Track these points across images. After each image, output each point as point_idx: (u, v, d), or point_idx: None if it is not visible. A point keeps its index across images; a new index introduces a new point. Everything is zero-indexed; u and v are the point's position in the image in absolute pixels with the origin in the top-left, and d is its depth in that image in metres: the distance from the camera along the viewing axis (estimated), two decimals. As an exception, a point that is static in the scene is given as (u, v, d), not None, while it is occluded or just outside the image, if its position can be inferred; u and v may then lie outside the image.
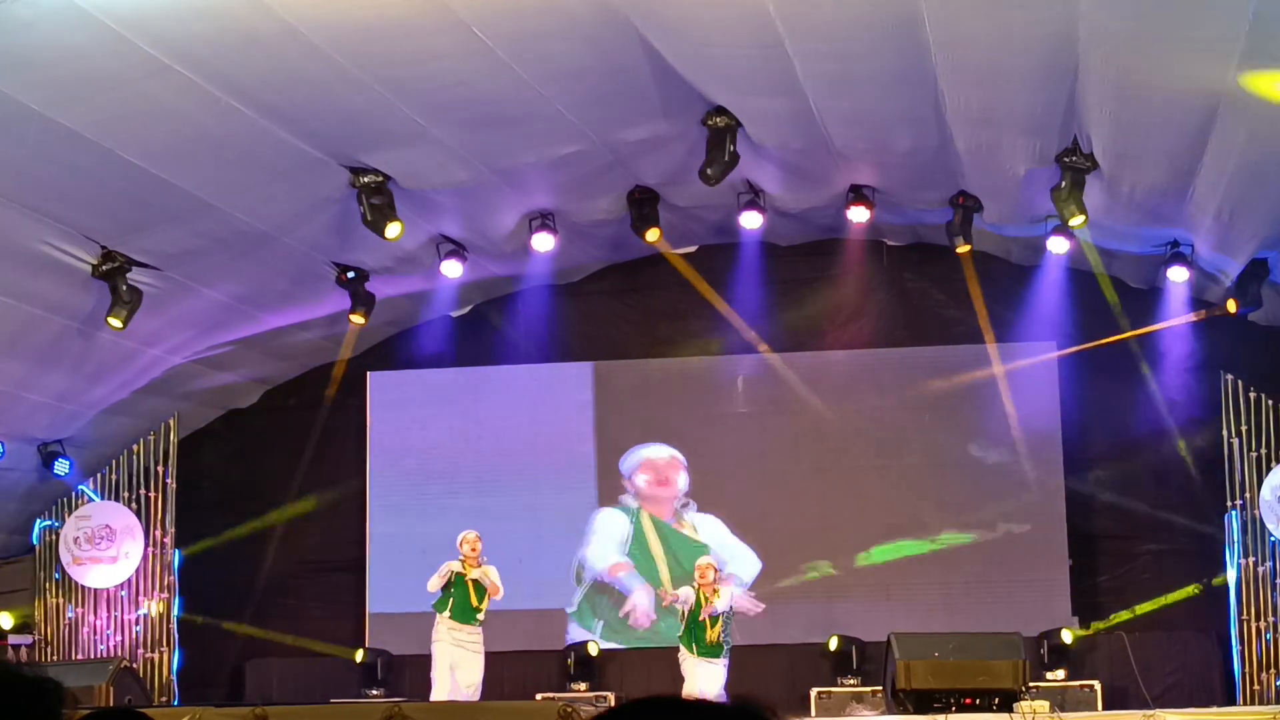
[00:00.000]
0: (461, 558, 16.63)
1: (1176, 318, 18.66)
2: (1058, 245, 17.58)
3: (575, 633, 19.39)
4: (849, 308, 19.61)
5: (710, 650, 16.47)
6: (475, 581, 16.51)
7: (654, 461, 19.50)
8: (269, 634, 19.82)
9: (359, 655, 19.30)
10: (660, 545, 19.52)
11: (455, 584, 16.56)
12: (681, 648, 16.63)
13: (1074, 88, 13.69)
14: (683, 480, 19.61)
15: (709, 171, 15.65)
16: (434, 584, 16.56)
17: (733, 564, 19.18)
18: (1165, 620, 18.78)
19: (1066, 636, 18.28)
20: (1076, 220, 15.84)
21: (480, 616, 16.57)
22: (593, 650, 19.01)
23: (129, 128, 13.35)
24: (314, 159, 14.81)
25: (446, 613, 16.51)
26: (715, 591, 16.62)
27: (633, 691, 18.13)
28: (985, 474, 19.12)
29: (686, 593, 16.73)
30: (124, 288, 15.72)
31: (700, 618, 16.46)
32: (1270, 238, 16.40)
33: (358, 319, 18.36)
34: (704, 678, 16.34)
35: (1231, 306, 17.53)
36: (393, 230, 15.69)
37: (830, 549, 19.33)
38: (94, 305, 15.99)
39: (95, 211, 14.82)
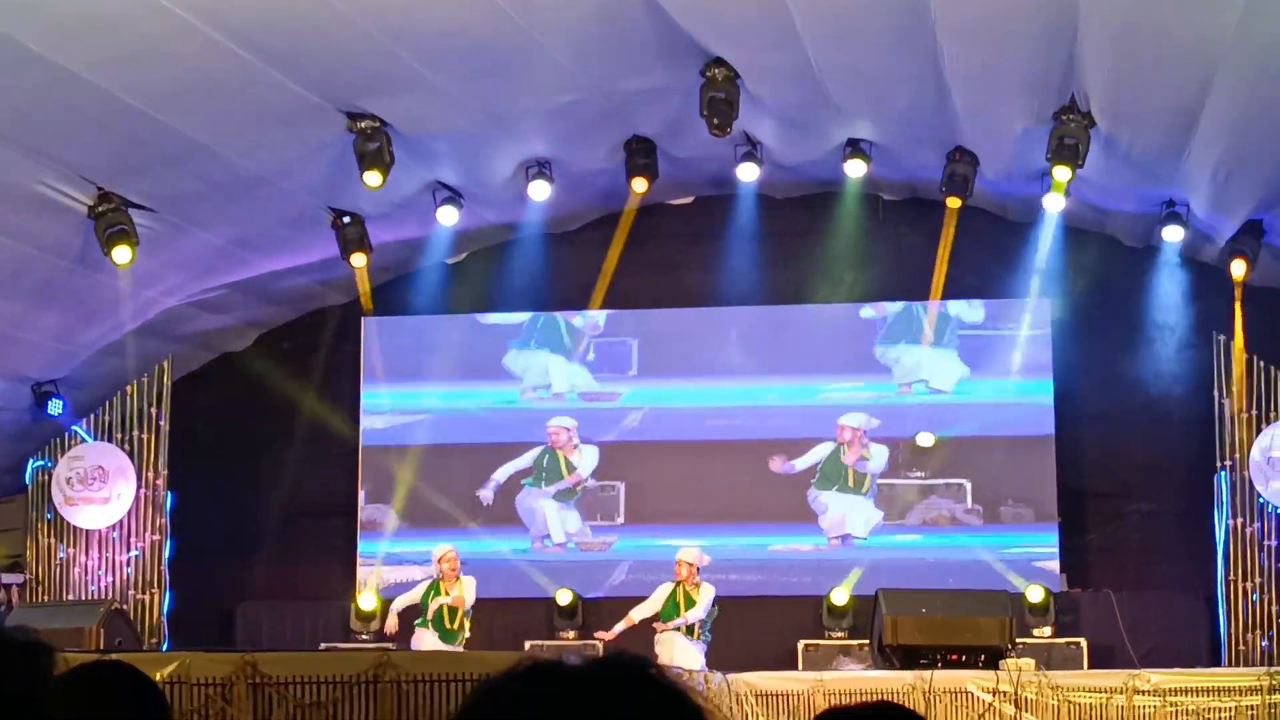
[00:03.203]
0: (440, 575, 16.71)
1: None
2: (1053, 203, 17.56)
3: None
4: (844, 261, 19.58)
5: (691, 637, 16.52)
6: (447, 603, 16.62)
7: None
8: (260, 577, 19.85)
9: (362, 601, 19.19)
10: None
11: (428, 604, 16.67)
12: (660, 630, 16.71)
13: (1073, 46, 13.68)
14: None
15: (715, 122, 15.57)
16: (400, 603, 16.75)
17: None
18: (1153, 580, 18.84)
19: (1035, 595, 18.26)
20: (1062, 173, 15.84)
21: (463, 635, 16.69)
22: (562, 599, 19.00)
23: (127, 70, 13.33)
24: (312, 104, 14.79)
25: (429, 630, 16.63)
26: (697, 586, 16.61)
27: (621, 641, 18.18)
28: (978, 429, 19.12)
29: (661, 590, 16.71)
30: (127, 226, 15.64)
31: (678, 620, 16.48)
32: (1266, 199, 16.42)
33: (359, 260, 18.24)
34: (681, 652, 16.28)
35: (1243, 269, 17.42)
36: (373, 179, 15.64)
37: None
38: (89, 246, 15.96)
39: (92, 153, 14.81)
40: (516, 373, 19.81)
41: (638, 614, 16.89)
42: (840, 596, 18.56)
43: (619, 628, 17.01)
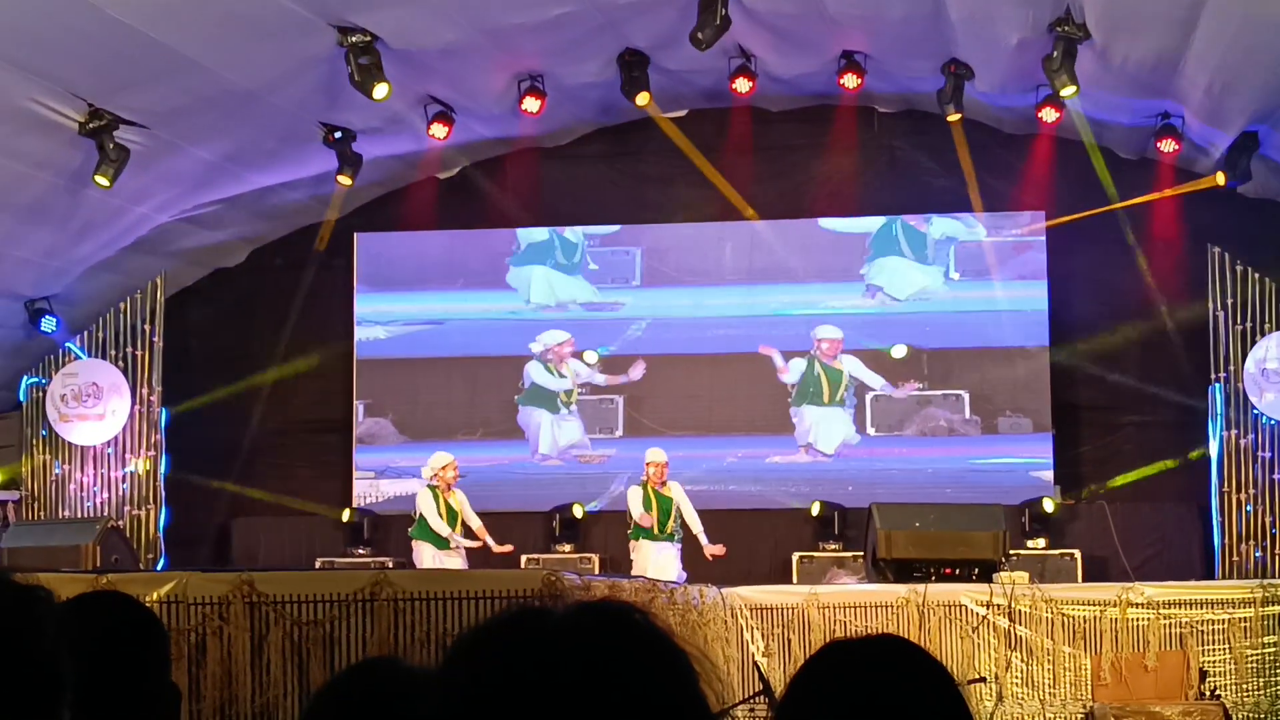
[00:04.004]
0: (439, 484, 16.59)
1: (1164, 190, 18.64)
2: (1049, 115, 17.57)
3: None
4: (839, 175, 19.55)
5: (665, 538, 16.53)
6: (450, 508, 16.55)
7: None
8: (255, 493, 19.89)
9: (345, 515, 19.41)
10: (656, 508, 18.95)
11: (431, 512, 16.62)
12: (633, 542, 16.70)
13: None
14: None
15: (700, 35, 15.56)
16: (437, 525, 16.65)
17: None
18: (1147, 491, 18.90)
19: (1048, 506, 18.39)
20: (1068, 90, 15.94)
21: (454, 543, 16.61)
22: (578, 513, 19.11)
23: (116, -15, 13.26)
24: (302, 18, 14.72)
25: (425, 541, 16.55)
26: (664, 484, 16.63)
27: (617, 554, 18.26)
28: (971, 344, 19.14)
29: (633, 493, 16.73)
30: (111, 145, 15.66)
31: (655, 517, 16.49)
32: (1260, 111, 16.39)
33: (344, 180, 18.31)
34: (658, 559, 16.29)
35: (1220, 179, 17.56)
36: (380, 91, 15.63)
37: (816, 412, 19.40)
38: (81, 162, 15.96)
39: (83, 69, 14.75)
40: (517, 287, 19.80)
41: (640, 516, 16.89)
42: (815, 508, 18.71)
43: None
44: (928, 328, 19.25)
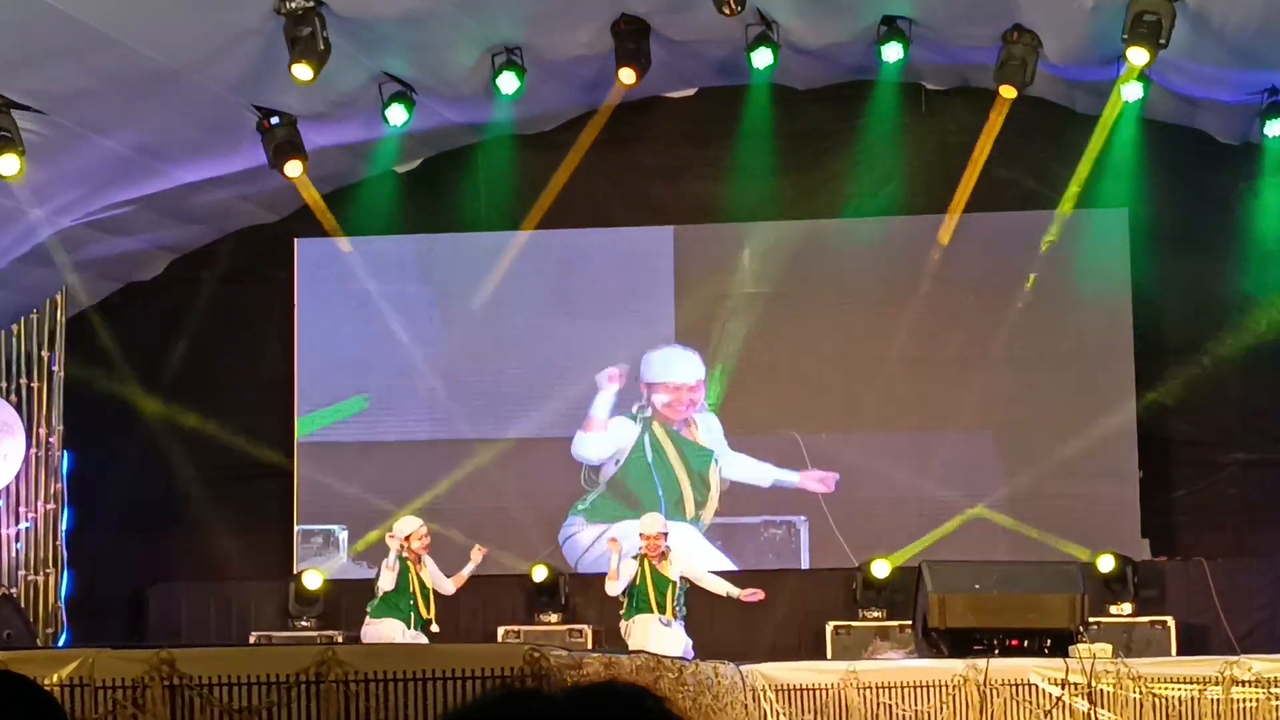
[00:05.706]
0: (408, 555, 16.49)
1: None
2: (1132, 91, 17.57)
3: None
4: (879, 166, 19.57)
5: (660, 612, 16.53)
6: (422, 584, 16.47)
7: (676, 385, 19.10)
8: (177, 554, 19.89)
9: (308, 580, 19.20)
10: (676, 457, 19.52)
11: (402, 588, 16.49)
12: (625, 622, 16.65)
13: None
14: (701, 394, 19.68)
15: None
16: (387, 581, 16.54)
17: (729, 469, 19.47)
18: (1255, 545, 18.90)
19: (1135, 563, 18.37)
20: (1142, 58, 15.86)
21: (435, 628, 16.53)
22: (536, 576, 19.03)
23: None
24: (231, -18, 14.78)
25: (391, 618, 16.40)
26: (664, 557, 16.62)
27: (610, 624, 18.28)
28: (1039, 368, 19.15)
29: (627, 568, 16.69)
30: (10, 131, 15.66)
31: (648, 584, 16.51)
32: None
33: (294, 169, 18.15)
34: (660, 641, 16.20)
35: None
36: (302, 72, 15.62)
37: (853, 452, 19.40)
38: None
39: (-34, 44, 14.81)
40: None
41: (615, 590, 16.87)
42: (881, 568, 18.61)
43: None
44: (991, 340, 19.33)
